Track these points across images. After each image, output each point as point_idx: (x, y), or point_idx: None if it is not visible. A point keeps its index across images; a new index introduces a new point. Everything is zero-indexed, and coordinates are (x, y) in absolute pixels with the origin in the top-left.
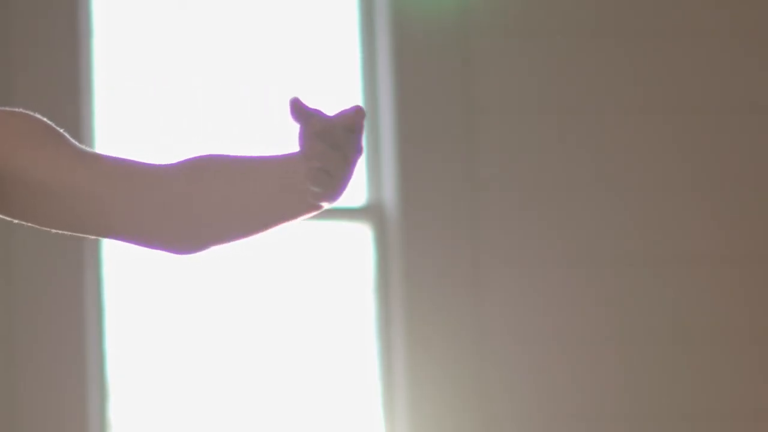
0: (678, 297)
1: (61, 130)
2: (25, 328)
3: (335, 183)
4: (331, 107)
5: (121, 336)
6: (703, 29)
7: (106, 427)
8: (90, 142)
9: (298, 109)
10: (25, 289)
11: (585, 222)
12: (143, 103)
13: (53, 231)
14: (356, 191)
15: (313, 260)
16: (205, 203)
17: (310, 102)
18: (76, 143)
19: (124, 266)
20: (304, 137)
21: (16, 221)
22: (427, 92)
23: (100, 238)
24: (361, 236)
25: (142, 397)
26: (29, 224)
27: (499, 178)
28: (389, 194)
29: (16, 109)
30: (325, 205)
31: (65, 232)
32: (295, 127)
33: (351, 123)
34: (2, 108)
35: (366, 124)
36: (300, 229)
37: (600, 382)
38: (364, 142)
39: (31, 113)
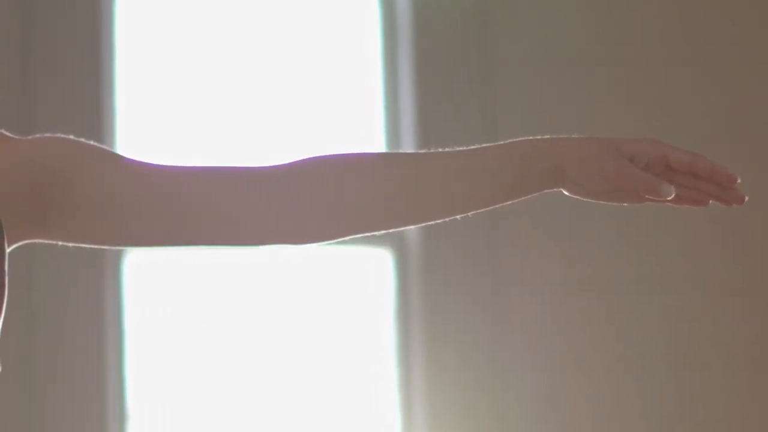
0: (696, 323)
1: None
2: (45, 347)
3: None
4: (351, 118)
5: (141, 356)
6: (716, 56)
7: None
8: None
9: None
10: (45, 306)
11: (605, 247)
12: (165, 111)
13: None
14: None
15: (333, 285)
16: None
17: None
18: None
19: (144, 283)
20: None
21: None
22: (448, 108)
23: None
24: (382, 261)
25: (162, 417)
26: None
27: (519, 201)
28: None
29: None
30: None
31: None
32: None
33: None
34: (62, 135)
35: (388, 142)
36: (321, 254)
37: (618, 407)
38: None
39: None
